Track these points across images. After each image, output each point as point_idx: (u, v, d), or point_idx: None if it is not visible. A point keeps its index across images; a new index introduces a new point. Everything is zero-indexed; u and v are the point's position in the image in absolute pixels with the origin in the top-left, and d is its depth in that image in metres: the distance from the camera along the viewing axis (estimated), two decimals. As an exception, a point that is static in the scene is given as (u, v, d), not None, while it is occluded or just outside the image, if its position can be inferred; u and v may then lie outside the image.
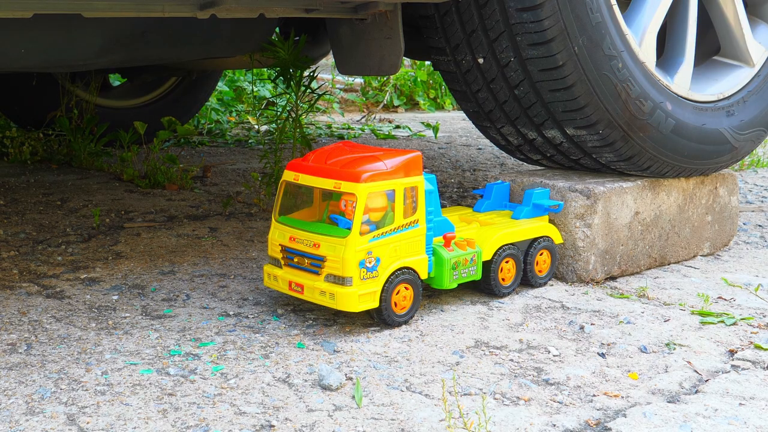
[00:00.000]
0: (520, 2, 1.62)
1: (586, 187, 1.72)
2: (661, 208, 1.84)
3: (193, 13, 1.50)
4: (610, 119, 1.71)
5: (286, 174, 1.49)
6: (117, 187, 2.54)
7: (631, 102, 1.72)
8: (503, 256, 1.60)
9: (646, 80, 1.75)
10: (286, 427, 1.11)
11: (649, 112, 1.74)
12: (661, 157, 1.79)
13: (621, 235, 1.77)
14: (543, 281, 1.70)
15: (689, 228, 1.92)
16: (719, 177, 1.97)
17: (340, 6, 1.69)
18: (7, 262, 1.78)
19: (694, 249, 1.95)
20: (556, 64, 1.65)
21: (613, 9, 1.70)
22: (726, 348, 1.43)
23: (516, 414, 1.17)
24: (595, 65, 1.66)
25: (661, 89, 1.79)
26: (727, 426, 1.15)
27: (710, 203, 1.96)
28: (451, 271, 1.50)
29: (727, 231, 2.02)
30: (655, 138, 1.77)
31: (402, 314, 1.46)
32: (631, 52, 1.73)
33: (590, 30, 1.65)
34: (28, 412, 1.12)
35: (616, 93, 1.70)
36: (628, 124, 1.73)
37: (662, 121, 1.77)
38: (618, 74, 1.69)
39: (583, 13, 1.63)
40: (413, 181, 1.44)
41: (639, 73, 1.74)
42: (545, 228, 1.69)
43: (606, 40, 1.67)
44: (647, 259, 1.84)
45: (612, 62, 1.68)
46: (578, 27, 1.63)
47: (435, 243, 1.51)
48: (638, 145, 1.76)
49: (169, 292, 1.62)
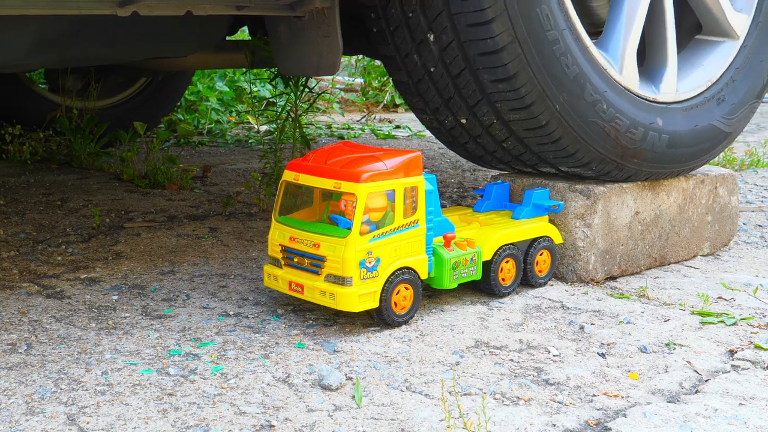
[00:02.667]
0: (494, 74, 1.58)
1: (586, 187, 1.72)
2: (661, 208, 1.84)
3: (113, 10, 1.45)
4: (602, 157, 1.69)
5: (286, 174, 1.49)
6: (117, 187, 2.54)
7: (622, 136, 1.69)
8: (503, 256, 1.60)
9: (633, 108, 1.72)
10: (286, 427, 1.11)
11: (641, 138, 1.72)
12: (658, 170, 1.79)
13: (621, 235, 1.77)
14: (543, 281, 1.70)
15: (689, 228, 1.92)
16: (719, 177, 1.97)
17: (272, 3, 1.64)
18: (7, 262, 1.78)
19: (694, 249, 1.95)
20: (540, 123, 1.62)
21: (589, 51, 1.65)
22: (726, 348, 1.43)
23: (516, 414, 1.17)
24: (579, 116, 1.63)
25: (649, 108, 1.75)
26: (727, 426, 1.15)
27: (710, 203, 1.95)
28: (451, 271, 1.50)
29: (727, 231, 2.02)
30: (650, 158, 1.75)
31: (402, 314, 1.46)
32: (615, 87, 1.69)
33: (569, 84, 1.61)
34: (28, 412, 1.12)
35: (605, 134, 1.67)
36: (621, 156, 1.71)
37: (656, 141, 1.74)
38: (604, 116, 1.66)
39: (558, 71, 1.59)
40: (413, 181, 1.44)
41: (626, 104, 1.70)
42: (545, 228, 1.69)
43: (587, 89, 1.64)
44: (647, 259, 1.84)
45: (596, 107, 1.65)
46: (556, 86, 1.60)
47: (435, 243, 1.51)
48: (634, 168, 1.75)
49: (169, 292, 1.62)
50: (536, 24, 1.56)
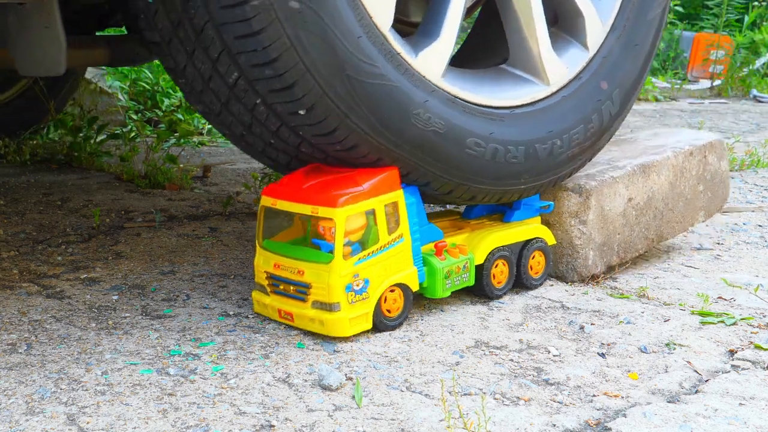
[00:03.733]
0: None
1: (578, 185, 1.72)
2: (653, 189, 1.84)
3: None
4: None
5: (264, 200, 1.46)
6: (117, 187, 2.54)
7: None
8: (495, 258, 1.59)
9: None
10: (286, 427, 1.11)
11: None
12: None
13: (616, 225, 1.77)
14: (537, 283, 1.69)
15: (682, 202, 1.92)
16: (707, 145, 1.97)
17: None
18: (7, 262, 1.78)
19: (689, 220, 1.96)
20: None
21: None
22: (726, 348, 1.43)
23: (516, 414, 1.17)
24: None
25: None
26: (727, 426, 1.15)
27: (701, 173, 1.95)
28: (443, 280, 1.49)
29: (720, 196, 2.02)
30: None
31: (393, 318, 1.45)
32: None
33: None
34: (28, 412, 1.12)
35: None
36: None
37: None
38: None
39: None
40: (392, 197, 1.42)
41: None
42: (537, 229, 1.68)
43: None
44: (644, 241, 1.84)
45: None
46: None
47: (425, 251, 1.50)
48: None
49: (169, 292, 1.62)
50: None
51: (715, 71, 6.35)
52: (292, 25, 1.28)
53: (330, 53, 1.32)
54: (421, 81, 1.45)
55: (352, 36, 1.34)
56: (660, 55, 6.97)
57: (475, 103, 1.54)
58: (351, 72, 1.35)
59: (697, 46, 6.69)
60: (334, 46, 1.32)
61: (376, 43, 1.37)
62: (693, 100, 5.85)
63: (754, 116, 5.01)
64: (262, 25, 1.27)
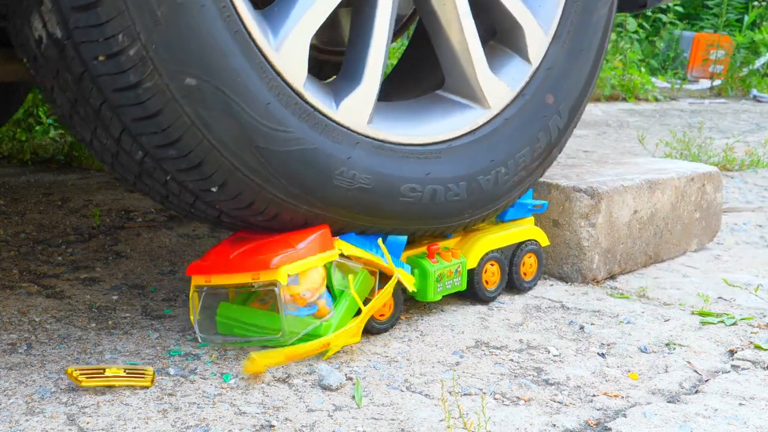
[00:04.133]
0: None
1: (590, 187, 1.72)
2: (656, 206, 1.85)
3: None
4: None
5: (195, 279, 1.35)
6: (117, 187, 2.54)
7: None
8: (487, 260, 1.58)
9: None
10: (286, 427, 1.11)
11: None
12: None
13: (621, 234, 1.78)
14: (529, 285, 1.67)
15: (680, 225, 1.94)
16: (706, 175, 1.99)
17: None
18: (7, 262, 1.78)
19: (684, 246, 1.97)
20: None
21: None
22: (726, 348, 1.43)
23: (516, 414, 1.17)
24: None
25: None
26: (727, 426, 1.15)
27: (699, 200, 1.97)
28: (435, 284, 1.47)
29: (712, 228, 2.05)
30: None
31: (383, 321, 1.44)
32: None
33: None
34: (28, 412, 1.12)
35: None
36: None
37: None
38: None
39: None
40: (329, 256, 1.34)
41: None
42: (531, 231, 1.66)
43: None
44: (644, 256, 1.85)
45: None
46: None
47: (416, 254, 1.49)
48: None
49: (169, 292, 1.62)
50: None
51: (715, 71, 6.35)
52: (191, 102, 1.18)
53: (236, 127, 1.22)
54: (345, 135, 1.34)
55: (260, 104, 1.23)
56: (660, 55, 6.97)
57: (407, 143, 1.43)
58: (261, 143, 1.24)
59: (697, 46, 6.68)
60: (239, 119, 1.22)
61: (288, 104, 1.27)
62: (693, 100, 5.85)
63: (754, 116, 5.01)
64: (158, 107, 1.17)
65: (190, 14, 1.15)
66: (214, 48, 1.18)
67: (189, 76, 1.17)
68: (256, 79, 1.23)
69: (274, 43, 1.26)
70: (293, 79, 1.28)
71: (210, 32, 1.17)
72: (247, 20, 1.23)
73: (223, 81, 1.20)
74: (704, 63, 6.44)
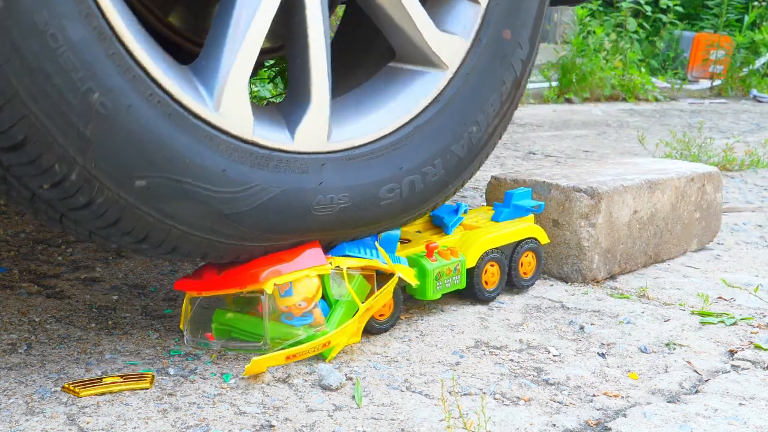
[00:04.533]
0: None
1: (590, 187, 1.72)
2: (656, 206, 1.86)
3: None
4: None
5: (189, 295, 1.35)
6: (117, 187, 2.54)
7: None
8: (486, 261, 1.58)
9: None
10: (286, 427, 1.11)
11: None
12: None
13: (621, 234, 1.78)
14: (528, 283, 1.67)
15: (680, 225, 1.94)
16: (706, 175, 1.99)
17: None
18: (7, 262, 1.78)
19: (684, 246, 1.97)
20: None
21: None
22: (726, 348, 1.43)
23: (516, 414, 1.17)
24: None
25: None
26: (727, 426, 1.15)
27: (699, 200, 1.98)
28: (434, 282, 1.47)
29: (712, 228, 2.05)
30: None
31: (383, 321, 1.44)
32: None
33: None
34: (28, 412, 1.12)
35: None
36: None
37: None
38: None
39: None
40: (321, 269, 1.32)
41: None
42: (530, 230, 1.66)
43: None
44: (644, 257, 1.85)
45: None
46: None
47: (415, 253, 1.49)
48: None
49: (169, 292, 1.62)
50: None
51: (715, 71, 6.35)
52: (147, 202, 1.13)
53: (198, 206, 1.17)
54: (309, 162, 1.27)
55: (215, 173, 1.17)
56: (660, 55, 6.97)
57: (375, 140, 1.35)
58: (228, 210, 1.20)
59: (697, 46, 6.69)
60: (199, 198, 1.17)
61: (244, 159, 1.20)
62: (693, 100, 5.85)
63: (754, 116, 5.01)
64: (117, 215, 1.13)
65: (119, 120, 1.07)
66: (153, 141, 1.11)
67: (137, 179, 1.11)
68: (205, 149, 1.16)
69: (212, 103, 1.17)
70: (242, 131, 1.20)
71: (144, 128, 1.10)
72: (179, 95, 1.14)
73: (171, 169, 1.13)
74: (704, 63, 6.45)
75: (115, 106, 1.07)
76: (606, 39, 5.79)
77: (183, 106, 1.14)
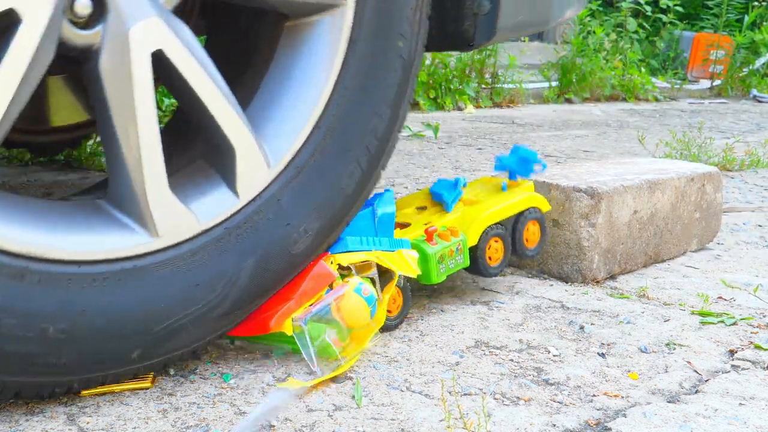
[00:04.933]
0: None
1: (590, 187, 1.73)
2: (656, 206, 1.86)
3: None
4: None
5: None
6: (117, 187, 2.54)
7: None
8: (489, 236, 1.56)
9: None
10: (286, 427, 1.11)
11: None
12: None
13: (621, 234, 1.78)
14: (533, 253, 1.65)
15: (680, 225, 1.94)
16: (706, 175, 1.99)
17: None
18: (7, 262, 1.77)
19: (684, 246, 1.98)
20: None
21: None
22: (726, 348, 1.43)
23: (516, 414, 1.17)
24: None
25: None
26: (727, 426, 1.15)
27: (699, 200, 1.98)
28: (437, 265, 1.46)
29: (712, 228, 2.05)
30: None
31: (393, 317, 1.44)
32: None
33: None
34: (28, 412, 1.13)
35: None
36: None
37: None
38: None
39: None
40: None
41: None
42: (531, 199, 1.64)
43: None
44: (643, 257, 1.86)
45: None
46: None
47: (414, 238, 1.48)
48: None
49: (169, 292, 1.62)
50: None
51: (715, 71, 6.36)
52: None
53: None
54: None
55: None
56: (660, 55, 6.97)
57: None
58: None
59: (697, 46, 6.69)
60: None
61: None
62: (693, 100, 5.85)
63: (754, 116, 5.01)
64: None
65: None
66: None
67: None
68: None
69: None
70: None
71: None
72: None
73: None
74: (704, 63, 6.45)
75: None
76: (606, 39, 5.79)
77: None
